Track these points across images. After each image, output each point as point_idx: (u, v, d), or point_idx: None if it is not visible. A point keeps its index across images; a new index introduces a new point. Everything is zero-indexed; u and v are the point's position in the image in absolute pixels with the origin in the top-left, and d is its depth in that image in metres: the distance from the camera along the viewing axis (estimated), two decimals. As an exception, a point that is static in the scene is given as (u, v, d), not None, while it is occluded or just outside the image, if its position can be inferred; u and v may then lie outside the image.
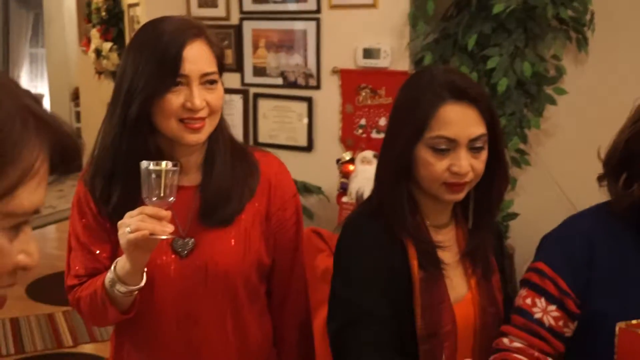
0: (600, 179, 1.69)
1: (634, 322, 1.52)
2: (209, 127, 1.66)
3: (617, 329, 1.53)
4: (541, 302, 1.63)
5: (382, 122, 3.65)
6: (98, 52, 5.26)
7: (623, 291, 1.58)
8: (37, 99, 0.77)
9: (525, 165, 3.56)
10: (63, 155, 0.78)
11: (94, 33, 5.28)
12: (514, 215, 3.59)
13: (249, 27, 3.86)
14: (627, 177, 1.63)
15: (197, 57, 1.62)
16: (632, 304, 1.55)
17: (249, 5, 3.82)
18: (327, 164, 3.74)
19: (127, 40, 4.94)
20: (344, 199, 3.54)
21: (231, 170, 1.72)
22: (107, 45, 5.10)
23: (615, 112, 1.76)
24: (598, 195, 1.73)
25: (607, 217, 1.66)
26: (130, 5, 4.66)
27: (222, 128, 1.74)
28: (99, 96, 5.83)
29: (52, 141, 0.76)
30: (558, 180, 3.56)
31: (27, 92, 0.77)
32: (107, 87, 5.48)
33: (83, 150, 0.78)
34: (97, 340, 4.64)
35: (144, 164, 1.53)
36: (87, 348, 4.58)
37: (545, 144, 3.68)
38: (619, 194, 1.64)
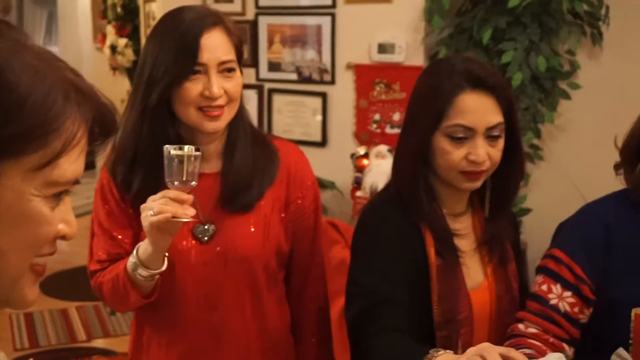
0: (616, 167, 1.71)
1: (649, 307, 1.54)
2: (227, 114, 1.69)
3: (632, 314, 1.54)
4: (557, 288, 1.65)
5: (397, 117, 3.66)
6: (113, 49, 5.29)
7: (639, 277, 1.60)
8: (77, 72, 0.80)
9: (539, 160, 3.57)
10: (102, 127, 0.81)
11: (110, 29, 5.32)
12: (527, 211, 3.59)
13: (264, 22, 3.88)
14: (644, 165, 1.65)
15: (214, 45, 1.65)
16: (648, 290, 1.56)
17: (264, 1, 3.84)
18: (341, 159, 3.75)
19: (143, 36, 4.97)
20: (358, 194, 3.56)
21: (251, 158, 1.75)
22: (123, 41, 5.14)
23: (629, 106, 1.78)
24: (611, 190, 1.75)
25: (624, 204, 1.67)
26: (146, 1, 4.69)
27: (242, 116, 1.76)
28: (114, 92, 5.86)
29: (92, 113, 0.80)
30: (571, 176, 3.56)
31: (68, 66, 0.80)
32: (122, 83, 5.51)
33: (120, 122, 0.81)
34: (110, 335, 4.68)
35: (167, 148, 1.56)
36: (100, 343, 4.62)
37: (559, 139, 3.69)
38: (636, 181, 1.66)
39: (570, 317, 1.64)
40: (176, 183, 1.55)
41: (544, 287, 1.66)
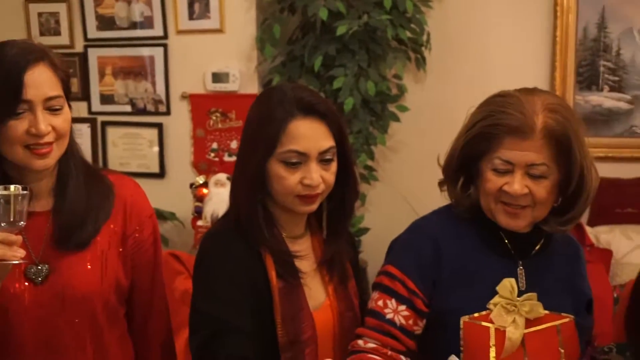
0: (440, 184, 1.81)
1: (476, 315, 1.64)
2: (57, 151, 1.65)
3: (461, 322, 1.64)
4: (392, 303, 1.72)
5: (234, 145, 3.70)
6: None
7: (467, 287, 1.69)
8: None
9: (374, 181, 3.71)
10: None
11: None
12: (365, 230, 3.71)
13: (94, 54, 3.81)
14: (465, 181, 1.76)
15: (39, 81, 1.60)
16: (475, 298, 1.66)
17: (93, 33, 3.78)
18: (180, 190, 3.74)
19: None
20: (199, 223, 3.55)
21: (85, 193, 1.71)
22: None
23: (453, 125, 1.88)
24: (443, 204, 1.85)
25: (450, 219, 1.77)
26: (-34, 35, 4.47)
27: (73, 151, 1.72)
28: None
29: None
30: (405, 194, 3.72)
31: None
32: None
33: None
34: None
35: None
36: None
37: (392, 159, 3.85)
38: (458, 197, 1.77)
39: (406, 329, 1.70)
40: (3, 224, 1.49)
41: (380, 303, 1.73)
